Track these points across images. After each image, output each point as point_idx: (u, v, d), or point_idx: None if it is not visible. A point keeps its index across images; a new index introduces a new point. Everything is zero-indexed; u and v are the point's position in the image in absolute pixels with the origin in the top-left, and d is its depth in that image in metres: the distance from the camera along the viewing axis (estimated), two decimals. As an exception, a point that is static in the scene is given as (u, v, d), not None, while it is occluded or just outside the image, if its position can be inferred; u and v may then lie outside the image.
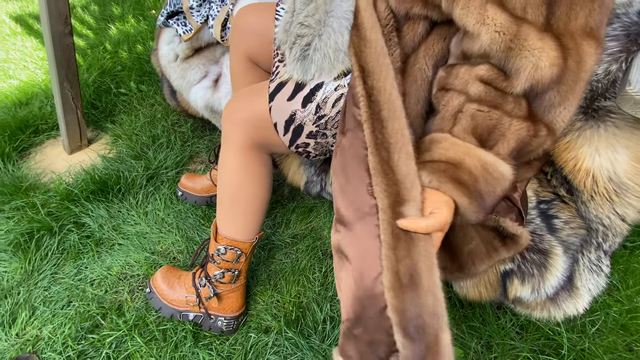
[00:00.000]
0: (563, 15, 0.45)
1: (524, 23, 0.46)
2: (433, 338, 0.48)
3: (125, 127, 1.45)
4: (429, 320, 0.48)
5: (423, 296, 0.48)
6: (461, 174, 0.49)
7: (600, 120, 0.58)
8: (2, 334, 0.92)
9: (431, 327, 0.48)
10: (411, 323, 0.48)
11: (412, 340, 0.48)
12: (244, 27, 0.82)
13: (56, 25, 1.11)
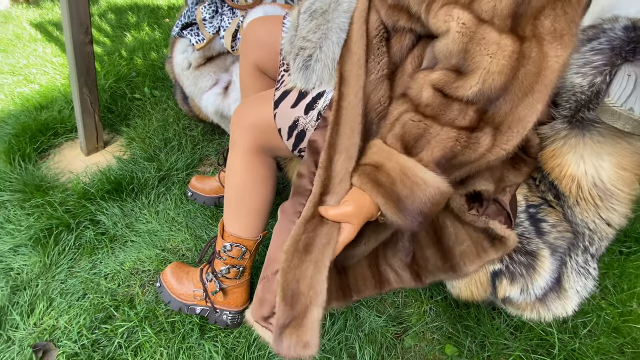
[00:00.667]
0: (529, 24, 0.48)
1: (486, 25, 0.48)
2: (303, 308, 0.54)
3: (139, 130, 1.52)
4: (305, 290, 0.54)
5: (306, 263, 0.54)
6: (380, 176, 0.53)
7: (585, 129, 0.62)
8: (21, 323, 0.98)
9: (305, 297, 0.54)
10: (289, 287, 0.54)
11: (286, 305, 0.54)
12: (253, 38, 0.88)
13: (77, 35, 1.19)
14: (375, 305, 1.03)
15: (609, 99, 0.54)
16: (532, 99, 0.49)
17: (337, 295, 0.71)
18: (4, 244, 1.14)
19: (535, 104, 0.49)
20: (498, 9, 0.48)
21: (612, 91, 0.56)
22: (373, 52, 0.62)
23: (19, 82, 1.91)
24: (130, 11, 2.62)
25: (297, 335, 0.55)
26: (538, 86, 0.49)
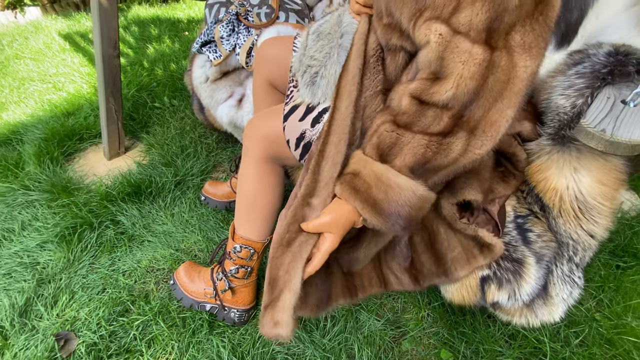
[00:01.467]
0: (501, 38, 0.54)
1: (461, 35, 0.54)
2: (278, 292, 0.63)
3: (158, 137, 1.62)
4: (282, 275, 0.63)
5: (286, 254, 0.63)
6: (357, 182, 0.60)
7: (566, 146, 0.67)
8: (45, 314, 1.06)
9: (281, 282, 0.62)
10: (272, 274, 0.63)
11: (268, 288, 0.63)
12: (266, 56, 0.96)
13: (107, 49, 1.29)
14: (375, 309, 1.07)
15: (584, 120, 0.59)
16: (502, 105, 0.54)
17: (344, 294, 0.79)
18: (32, 240, 1.24)
19: (505, 109, 0.54)
20: (474, 23, 0.54)
21: (588, 113, 0.61)
22: (369, 70, 0.69)
23: (48, 90, 2.05)
24: (152, 24, 2.77)
25: (272, 315, 0.62)
26: (507, 92, 0.54)
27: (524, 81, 0.54)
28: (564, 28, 0.76)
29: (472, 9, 0.54)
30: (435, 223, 0.78)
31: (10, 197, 1.38)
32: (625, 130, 0.56)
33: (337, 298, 0.79)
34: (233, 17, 1.09)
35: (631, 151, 0.56)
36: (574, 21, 0.75)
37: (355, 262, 0.81)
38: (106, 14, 1.20)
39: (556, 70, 0.75)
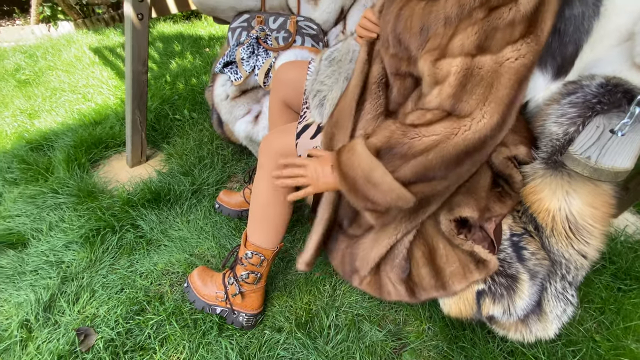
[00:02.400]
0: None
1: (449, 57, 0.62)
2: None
3: (178, 147, 1.71)
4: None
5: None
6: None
7: (559, 171, 0.72)
8: (67, 310, 1.13)
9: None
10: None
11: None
12: (283, 79, 1.04)
13: (136, 66, 1.40)
14: (377, 321, 1.11)
15: (571, 147, 0.64)
16: (492, 103, 0.62)
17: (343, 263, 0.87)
18: (59, 240, 1.33)
19: (489, 107, 0.62)
20: (465, 45, 0.62)
21: (577, 140, 0.66)
22: (371, 95, 0.76)
23: (78, 100, 2.19)
24: (176, 40, 2.93)
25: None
26: (493, 89, 0.61)
27: (513, 72, 0.61)
28: (560, 61, 0.81)
29: (464, 33, 0.61)
30: (435, 239, 0.83)
31: (40, 200, 1.48)
32: (609, 159, 0.61)
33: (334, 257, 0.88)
34: (253, 40, 1.19)
35: (614, 178, 0.61)
36: (569, 54, 0.80)
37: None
38: (138, 35, 1.32)
39: (551, 99, 0.81)
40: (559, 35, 0.78)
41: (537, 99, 0.86)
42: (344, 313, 1.12)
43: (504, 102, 0.61)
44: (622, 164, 0.59)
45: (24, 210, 1.45)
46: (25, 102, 2.20)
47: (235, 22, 1.27)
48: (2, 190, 1.55)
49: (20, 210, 1.44)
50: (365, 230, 0.84)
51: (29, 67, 2.68)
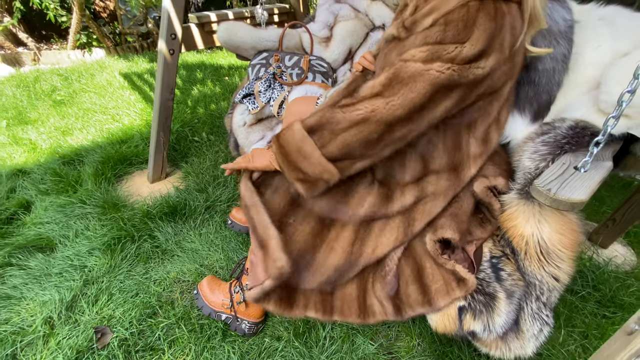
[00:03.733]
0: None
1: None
2: (266, 244, 0.82)
3: (195, 167, 1.86)
4: (262, 233, 0.83)
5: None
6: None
7: (531, 200, 0.81)
8: (87, 310, 1.24)
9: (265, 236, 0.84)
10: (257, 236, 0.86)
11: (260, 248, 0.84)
12: (294, 110, 1.18)
13: (164, 94, 1.58)
14: (370, 335, 1.18)
15: (537, 180, 0.75)
16: (407, 88, 0.72)
17: (317, 309, 0.87)
18: (83, 246, 1.45)
19: (407, 93, 0.72)
20: (415, 55, 0.73)
21: (543, 174, 0.77)
22: None
23: (107, 120, 2.39)
24: (198, 69, 3.18)
25: (269, 259, 0.81)
26: (413, 82, 0.72)
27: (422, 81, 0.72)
28: (536, 107, 0.93)
29: (419, 48, 0.73)
30: (423, 258, 0.92)
31: (69, 209, 1.62)
32: (567, 191, 0.70)
33: (307, 309, 0.86)
34: (270, 76, 1.34)
35: (570, 208, 0.70)
36: (544, 102, 0.92)
37: (340, 277, 0.89)
38: (169, 67, 1.50)
39: (528, 137, 0.92)
40: (534, 86, 0.90)
41: (517, 138, 0.97)
42: (339, 326, 1.20)
43: (413, 102, 0.72)
44: (578, 196, 0.69)
45: (54, 217, 1.59)
46: (59, 121, 2.41)
47: (255, 59, 1.44)
48: (35, 199, 1.71)
49: (50, 218, 1.59)
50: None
51: (64, 89, 2.93)
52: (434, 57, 0.71)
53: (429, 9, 0.76)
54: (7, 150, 2.08)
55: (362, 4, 1.44)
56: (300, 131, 0.78)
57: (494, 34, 0.72)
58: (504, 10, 0.73)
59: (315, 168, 0.78)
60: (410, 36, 0.80)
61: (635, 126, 0.82)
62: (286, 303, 0.84)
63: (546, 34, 0.83)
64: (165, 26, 1.41)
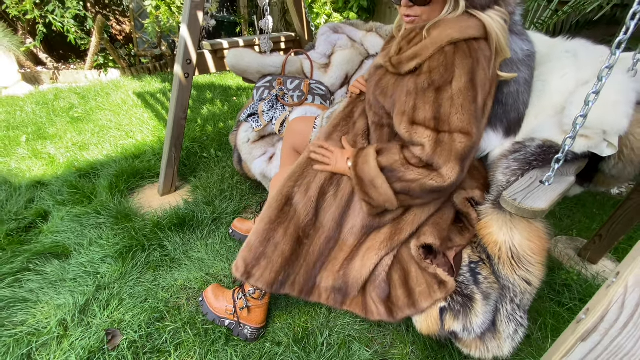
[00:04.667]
0: (445, 124, 0.85)
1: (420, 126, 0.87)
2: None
3: (203, 181, 1.98)
4: None
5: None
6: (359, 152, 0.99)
7: (503, 211, 0.91)
8: (98, 313, 1.32)
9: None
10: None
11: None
12: (294, 129, 1.30)
13: (178, 113, 1.71)
14: (366, 342, 1.25)
15: (505, 192, 0.84)
16: (448, 165, 0.85)
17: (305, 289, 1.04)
18: (97, 254, 1.55)
19: (453, 167, 0.85)
20: (427, 118, 0.85)
21: (511, 187, 0.86)
22: (359, 142, 1.00)
23: (121, 137, 2.53)
24: (208, 89, 3.35)
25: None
26: (450, 157, 0.85)
27: (459, 151, 0.86)
28: (506, 123, 1.04)
29: (423, 108, 0.85)
30: (409, 264, 1.01)
31: (84, 219, 1.73)
32: (530, 201, 0.80)
33: (294, 286, 1.04)
34: (273, 97, 1.48)
35: (533, 215, 0.79)
36: (513, 119, 1.03)
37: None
38: (183, 89, 1.64)
39: (502, 154, 1.02)
40: (503, 105, 1.01)
41: (493, 153, 1.07)
42: (337, 333, 1.27)
43: (461, 161, 0.86)
44: (539, 205, 0.78)
45: (70, 227, 1.70)
46: (76, 136, 2.56)
47: (260, 82, 1.58)
48: (52, 209, 1.82)
49: (67, 227, 1.70)
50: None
51: (81, 106, 3.10)
52: (440, 108, 0.86)
53: (412, 53, 0.88)
54: (27, 164, 2.23)
55: (358, 34, 1.59)
56: (375, 168, 0.93)
57: (472, 66, 0.84)
58: (475, 47, 0.85)
59: (381, 197, 0.94)
60: (400, 77, 0.92)
61: (594, 146, 0.92)
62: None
63: (509, 62, 0.95)
64: (182, 52, 1.56)
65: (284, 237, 1.01)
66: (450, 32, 0.83)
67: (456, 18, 0.86)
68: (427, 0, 0.87)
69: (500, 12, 0.88)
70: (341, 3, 3.38)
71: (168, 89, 3.54)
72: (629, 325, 0.41)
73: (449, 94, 0.82)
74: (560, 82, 1.04)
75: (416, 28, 0.90)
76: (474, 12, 0.86)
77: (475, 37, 0.84)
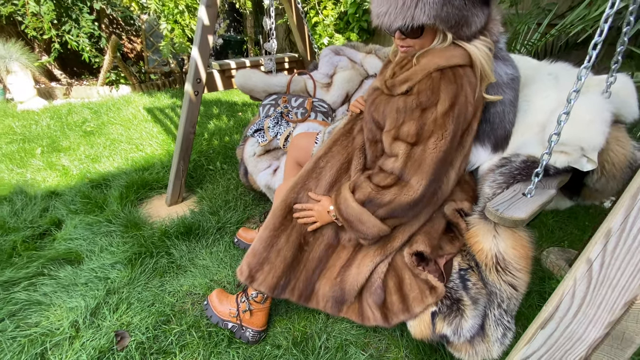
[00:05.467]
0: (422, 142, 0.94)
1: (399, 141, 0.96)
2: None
3: (208, 192, 2.06)
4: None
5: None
6: (336, 196, 1.05)
7: (489, 221, 0.98)
8: (108, 316, 1.39)
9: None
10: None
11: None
12: (297, 144, 1.39)
13: (187, 128, 1.82)
14: (362, 346, 1.30)
15: (489, 203, 0.92)
16: (416, 177, 0.94)
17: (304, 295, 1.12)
18: (107, 260, 1.63)
19: (420, 179, 0.94)
20: (410, 133, 0.94)
21: (495, 198, 0.94)
22: (356, 157, 1.10)
23: (131, 149, 2.64)
24: (214, 105, 3.49)
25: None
26: (418, 170, 0.93)
27: (431, 163, 0.94)
28: (494, 140, 1.12)
29: (409, 124, 0.93)
30: (403, 271, 1.07)
31: (96, 227, 1.82)
32: (511, 211, 0.87)
33: (294, 292, 1.12)
34: (278, 114, 1.58)
35: (513, 224, 0.87)
36: (500, 136, 1.11)
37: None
38: (192, 106, 1.75)
39: (490, 169, 1.10)
40: (490, 123, 1.10)
41: (482, 167, 1.15)
42: (334, 337, 1.32)
43: (428, 173, 0.94)
44: (519, 215, 0.85)
45: (82, 234, 1.78)
46: (89, 149, 2.67)
47: (266, 100, 1.68)
48: (65, 218, 1.91)
49: (79, 234, 1.78)
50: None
51: (94, 121, 3.24)
52: (424, 127, 0.94)
53: (404, 77, 0.98)
54: (42, 175, 2.33)
55: (358, 56, 1.70)
56: (358, 207, 1.00)
57: (456, 91, 0.93)
58: (461, 73, 0.95)
59: (373, 229, 1.00)
60: (392, 97, 1.01)
61: (574, 161, 1.00)
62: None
63: (495, 85, 1.04)
64: (193, 72, 1.68)
65: (286, 243, 1.09)
66: (437, 60, 0.93)
67: (444, 48, 0.96)
68: (417, 34, 0.96)
69: (486, 42, 0.98)
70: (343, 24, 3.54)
71: (176, 104, 3.68)
72: (579, 314, 0.47)
73: (434, 115, 0.91)
74: (543, 102, 1.13)
75: (408, 55, 1.00)
76: (460, 42, 0.96)
77: (460, 64, 0.94)
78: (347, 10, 3.45)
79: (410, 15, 0.87)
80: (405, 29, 0.94)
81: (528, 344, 0.52)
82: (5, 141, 2.80)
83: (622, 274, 0.45)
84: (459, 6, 0.89)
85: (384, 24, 0.92)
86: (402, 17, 0.88)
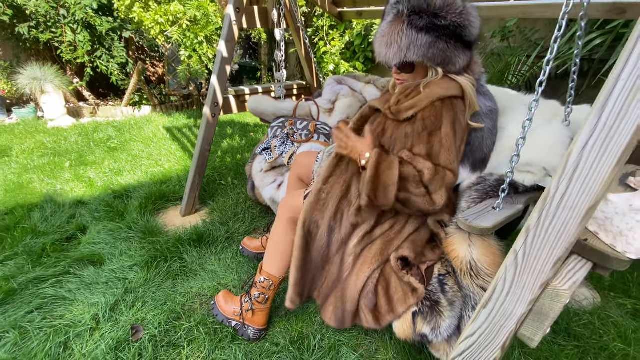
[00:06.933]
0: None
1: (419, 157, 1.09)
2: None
3: (220, 204, 2.24)
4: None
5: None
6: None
7: (464, 231, 1.11)
8: (125, 312, 1.53)
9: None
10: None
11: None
12: (300, 162, 1.56)
13: (203, 146, 2.02)
14: (354, 347, 1.41)
15: (461, 215, 1.06)
16: (439, 193, 1.07)
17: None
18: (126, 262, 1.79)
19: (439, 197, 1.07)
20: (422, 154, 1.09)
21: (467, 211, 1.08)
22: (355, 183, 1.24)
23: (151, 165, 2.86)
24: (228, 125, 3.73)
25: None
26: (442, 186, 1.07)
27: (446, 181, 1.09)
28: (472, 161, 1.27)
29: (419, 146, 1.10)
30: (390, 275, 1.20)
31: (117, 233, 2.00)
32: (479, 221, 1.01)
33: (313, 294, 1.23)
34: (284, 135, 1.76)
35: (480, 232, 1.00)
36: (477, 158, 1.26)
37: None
38: (209, 126, 1.95)
39: (468, 186, 1.25)
40: (469, 146, 1.25)
41: (463, 184, 1.30)
42: (328, 338, 1.44)
43: (448, 186, 1.09)
44: (485, 224, 0.99)
45: (104, 239, 1.96)
46: (113, 164, 2.91)
47: (274, 123, 1.88)
48: (90, 224, 2.10)
49: (102, 239, 1.96)
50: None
51: (117, 138, 3.50)
52: (432, 147, 1.10)
53: (409, 104, 1.15)
54: (70, 185, 2.55)
55: (358, 86, 1.90)
56: (396, 177, 1.05)
57: (454, 117, 1.11)
58: (455, 102, 1.13)
59: (384, 201, 1.08)
60: (400, 123, 1.16)
61: (539, 180, 1.14)
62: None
63: (476, 115, 1.21)
64: (211, 96, 1.90)
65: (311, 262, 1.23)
66: (439, 91, 1.12)
67: (442, 80, 1.15)
68: (410, 69, 1.18)
69: (469, 78, 1.17)
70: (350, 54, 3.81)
71: (193, 124, 3.94)
72: (510, 294, 0.60)
73: (439, 137, 1.08)
74: (515, 129, 1.29)
75: (411, 86, 1.19)
76: (452, 76, 1.15)
77: (455, 95, 1.12)
78: (354, 42, 3.72)
79: (404, 55, 1.09)
80: (400, 66, 1.15)
81: (474, 322, 0.64)
82: (38, 155, 3.07)
83: (538, 262, 0.57)
84: (443, 49, 1.09)
85: (383, 61, 1.14)
86: (398, 57, 1.11)
